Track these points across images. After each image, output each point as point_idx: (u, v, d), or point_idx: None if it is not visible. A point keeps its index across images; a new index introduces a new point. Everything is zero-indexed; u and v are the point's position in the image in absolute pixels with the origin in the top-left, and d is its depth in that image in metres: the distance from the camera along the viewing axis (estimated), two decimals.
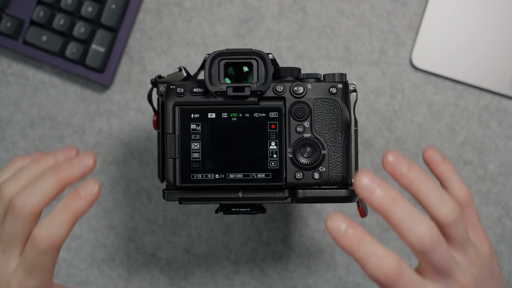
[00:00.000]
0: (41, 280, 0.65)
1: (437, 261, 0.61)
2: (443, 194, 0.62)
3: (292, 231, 0.95)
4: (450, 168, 0.67)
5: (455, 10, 0.94)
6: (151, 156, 0.95)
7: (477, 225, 0.68)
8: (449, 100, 0.95)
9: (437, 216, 0.62)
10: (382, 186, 0.59)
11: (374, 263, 0.59)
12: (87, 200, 0.63)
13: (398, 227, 0.60)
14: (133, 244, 0.95)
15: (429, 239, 0.60)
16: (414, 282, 0.61)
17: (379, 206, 0.59)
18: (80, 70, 0.94)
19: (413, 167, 0.61)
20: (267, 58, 0.73)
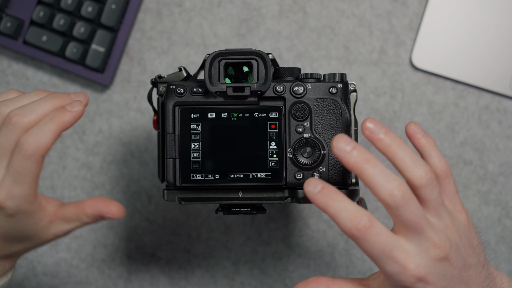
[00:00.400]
0: (26, 187, 0.69)
1: (408, 217, 0.64)
2: (417, 159, 0.66)
3: (292, 231, 0.95)
4: (430, 142, 0.71)
5: (455, 10, 0.94)
6: (151, 156, 0.95)
7: (454, 196, 0.71)
8: (449, 100, 0.95)
9: (411, 178, 0.66)
10: (356, 148, 0.64)
11: (346, 217, 0.63)
12: (73, 115, 0.69)
13: (371, 183, 0.64)
14: (133, 244, 0.95)
15: (400, 194, 0.64)
16: (386, 237, 0.64)
17: (353, 165, 0.64)
18: (80, 70, 0.94)
19: (389, 133, 0.66)
20: (267, 58, 0.73)
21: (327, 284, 0.69)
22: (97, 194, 0.95)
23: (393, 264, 0.64)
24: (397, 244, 0.65)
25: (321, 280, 0.69)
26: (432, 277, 0.65)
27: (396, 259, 0.64)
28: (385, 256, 0.64)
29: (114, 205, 0.72)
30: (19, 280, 0.95)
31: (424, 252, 0.65)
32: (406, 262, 0.64)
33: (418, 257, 0.65)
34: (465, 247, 0.68)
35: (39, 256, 0.95)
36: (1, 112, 0.71)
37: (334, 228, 0.94)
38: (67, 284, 0.95)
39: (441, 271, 0.66)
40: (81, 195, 0.95)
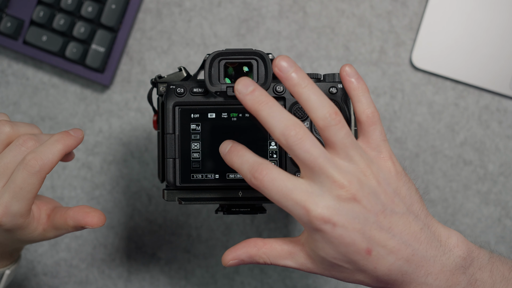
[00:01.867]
0: (25, 203, 0.70)
1: (303, 155, 0.64)
2: (324, 100, 0.65)
3: (292, 231, 0.95)
4: (362, 87, 0.70)
5: (455, 10, 0.94)
6: (151, 156, 0.95)
7: (380, 144, 0.69)
8: (449, 100, 0.95)
9: (315, 118, 0.65)
10: (256, 90, 0.65)
11: (246, 168, 0.66)
12: (76, 139, 0.73)
13: (266, 124, 0.65)
14: (133, 244, 0.95)
15: (293, 133, 0.64)
16: (283, 180, 0.65)
17: (250, 106, 0.65)
18: (80, 70, 0.94)
19: (299, 72, 0.65)
20: (267, 58, 0.73)
21: (257, 244, 0.69)
22: (97, 194, 0.95)
23: (296, 206, 0.64)
24: (296, 186, 0.64)
25: (251, 241, 0.69)
26: (339, 218, 0.64)
27: (296, 200, 0.64)
28: (285, 199, 0.64)
29: (93, 216, 0.73)
30: (19, 280, 0.95)
31: (327, 192, 0.64)
32: (307, 203, 0.64)
33: (320, 197, 0.64)
34: (385, 192, 0.67)
35: (39, 256, 0.95)
36: (4, 131, 0.73)
37: None
38: (67, 284, 0.95)
39: (350, 213, 0.65)
40: (81, 195, 0.95)
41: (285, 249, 0.69)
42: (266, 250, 0.69)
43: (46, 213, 0.74)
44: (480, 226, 0.94)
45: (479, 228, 0.94)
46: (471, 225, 0.94)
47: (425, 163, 0.94)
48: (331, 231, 0.65)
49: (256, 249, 0.69)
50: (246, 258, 0.69)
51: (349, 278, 0.68)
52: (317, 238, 0.66)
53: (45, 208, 0.75)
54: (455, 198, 0.94)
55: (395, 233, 0.66)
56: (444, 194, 0.94)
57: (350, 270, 0.67)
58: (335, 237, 0.65)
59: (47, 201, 0.76)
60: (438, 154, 0.94)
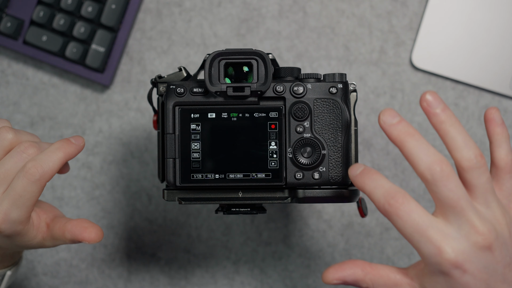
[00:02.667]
0: (24, 211, 0.70)
1: (446, 194, 0.62)
2: (469, 140, 0.64)
3: (292, 231, 0.95)
4: (505, 133, 0.69)
5: (455, 10, 0.94)
6: (151, 156, 0.95)
7: (511, 194, 0.68)
8: (449, 100, 0.95)
9: (459, 158, 0.64)
10: (402, 122, 0.64)
11: (380, 193, 0.63)
12: (77, 147, 0.73)
13: (411, 156, 0.63)
14: (133, 244, 0.95)
15: (439, 169, 0.62)
16: (420, 215, 0.62)
17: (396, 137, 0.64)
18: (80, 70, 0.94)
19: (446, 110, 0.64)
20: (267, 58, 0.73)
21: (364, 267, 0.67)
22: (97, 194, 0.95)
23: (428, 245, 0.62)
24: (433, 224, 0.62)
25: (358, 263, 0.67)
26: (470, 265, 0.62)
27: (431, 239, 0.62)
28: (419, 235, 0.62)
29: (90, 232, 0.73)
30: (19, 280, 0.95)
31: (464, 237, 0.62)
32: (442, 244, 0.62)
33: (457, 241, 0.62)
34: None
35: (39, 256, 0.95)
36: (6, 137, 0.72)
37: (334, 228, 0.94)
38: (67, 284, 0.95)
39: (482, 262, 0.63)
40: (81, 195, 0.95)
41: (392, 278, 0.67)
42: (372, 277, 0.67)
43: (46, 222, 0.74)
44: None
45: None
46: None
47: None
48: (458, 277, 0.63)
49: (364, 274, 0.67)
50: (351, 281, 0.67)
51: None
52: (438, 280, 0.64)
53: (44, 216, 0.75)
54: None
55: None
56: None
57: None
58: (461, 283, 0.63)
59: (48, 209, 0.76)
60: None
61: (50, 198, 0.95)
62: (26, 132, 0.75)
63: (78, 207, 0.95)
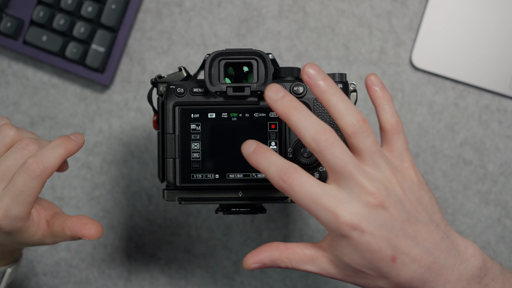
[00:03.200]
0: (25, 207, 0.71)
1: (333, 161, 0.64)
2: (351, 107, 0.66)
3: (292, 231, 0.95)
4: (386, 96, 0.71)
5: (455, 10, 0.94)
6: (151, 156, 0.95)
7: (402, 153, 0.70)
8: (449, 100, 0.95)
9: (342, 125, 0.66)
10: (286, 96, 0.65)
11: (274, 171, 0.65)
12: (77, 144, 0.73)
13: (297, 129, 0.65)
14: (133, 244, 0.95)
15: (323, 138, 0.64)
16: (313, 185, 0.64)
17: (281, 111, 0.65)
18: (80, 70, 0.94)
19: (327, 79, 0.66)
20: (267, 58, 0.73)
21: (280, 248, 0.69)
22: (97, 194, 0.95)
23: (324, 212, 0.64)
24: (326, 191, 0.64)
25: (273, 245, 0.69)
26: (367, 225, 0.64)
27: (326, 206, 0.64)
28: (315, 204, 0.64)
29: (90, 228, 0.73)
30: (19, 280, 0.95)
31: (356, 199, 0.65)
32: (336, 209, 0.64)
33: (350, 204, 0.64)
34: (410, 201, 0.67)
35: (39, 256, 0.95)
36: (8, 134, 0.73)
37: None
38: (67, 284, 0.95)
39: (378, 220, 0.65)
40: (81, 195, 0.95)
41: (307, 253, 0.68)
42: (288, 254, 0.68)
43: (46, 219, 0.75)
44: (480, 226, 0.94)
45: (479, 228, 0.94)
46: (471, 225, 0.94)
47: (425, 163, 0.94)
48: (358, 238, 0.65)
49: (279, 253, 0.68)
50: (269, 262, 0.69)
51: (370, 284, 0.68)
52: (343, 244, 0.65)
53: (44, 213, 0.75)
54: (455, 198, 0.94)
55: (418, 241, 0.66)
56: (444, 194, 0.94)
57: (372, 277, 0.67)
58: (362, 243, 0.65)
59: (48, 206, 0.76)
60: (438, 154, 0.94)
61: (50, 198, 0.95)
62: (26, 130, 0.75)
63: (78, 207, 0.95)
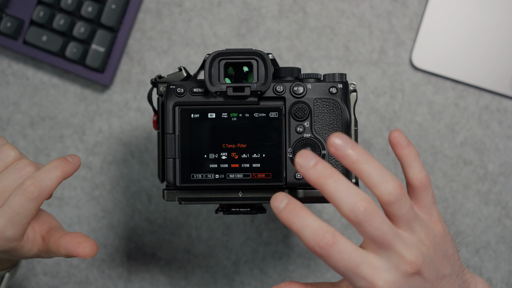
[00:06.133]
0: (20, 228, 0.70)
1: (373, 232, 0.63)
2: (386, 174, 0.64)
3: None
4: (413, 152, 0.69)
5: (455, 10, 0.94)
6: (151, 156, 0.95)
7: (431, 207, 0.69)
8: (449, 100, 0.95)
9: (379, 195, 0.64)
10: (319, 163, 0.62)
11: (309, 234, 0.62)
12: (74, 166, 0.73)
13: (333, 199, 0.63)
14: (133, 244, 0.95)
15: (362, 209, 0.62)
16: (351, 253, 0.63)
17: (315, 181, 0.62)
18: (80, 70, 0.94)
19: (356, 148, 0.63)
20: (267, 58, 0.73)
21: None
22: (97, 194, 0.95)
23: (361, 280, 0.63)
24: (364, 260, 0.63)
25: (292, 285, 0.68)
26: None
27: (363, 275, 0.63)
28: (352, 273, 0.63)
29: (84, 247, 0.72)
30: (19, 280, 0.95)
31: (394, 268, 0.64)
32: (373, 279, 0.63)
33: (387, 273, 0.64)
34: (438, 259, 0.67)
35: None
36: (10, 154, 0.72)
37: None
38: (67, 284, 0.95)
39: (412, 286, 0.64)
40: (81, 195, 0.95)
41: None
42: None
43: (41, 234, 0.74)
44: (480, 226, 0.94)
45: (479, 228, 0.94)
46: (471, 225, 0.94)
47: (425, 163, 0.94)
48: None
49: None
50: None
51: None
52: None
53: (40, 229, 0.74)
54: (455, 198, 0.94)
55: None
56: (444, 194, 0.94)
57: None
58: None
59: (44, 219, 0.75)
60: (438, 154, 0.94)
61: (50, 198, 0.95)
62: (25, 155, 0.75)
63: (78, 207, 0.95)
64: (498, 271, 0.94)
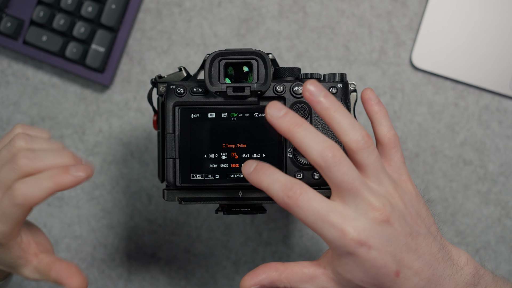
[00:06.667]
0: (8, 227, 0.68)
1: (341, 177, 0.64)
2: (355, 123, 0.66)
3: (292, 231, 0.95)
4: (383, 110, 0.71)
5: (455, 10, 0.94)
6: (151, 156, 0.95)
7: (400, 167, 0.70)
8: (449, 100, 0.95)
9: (347, 141, 0.65)
10: (288, 113, 0.64)
11: (277, 187, 0.64)
12: (73, 180, 0.66)
13: (302, 146, 0.64)
14: (133, 244, 0.95)
15: (330, 154, 0.63)
16: (319, 201, 0.64)
17: (285, 129, 0.64)
18: (80, 70, 0.94)
19: (329, 96, 0.65)
20: (267, 58, 0.73)
21: (278, 268, 0.68)
22: (97, 194, 0.95)
23: (331, 229, 0.64)
24: (332, 208, 0.64)
25: (270, 265, 0.69)
26: (374, 241, 0.64)
27: (333, 223, 0.64)
28: (321, 221, 0.64)
29: (74, 282, 0.69)
30: (19, 280, 0.95)
31: (363, 215, 0.64)
32: (343, 226, 0.64)
33: (357, 220, 0.64)
34: (411, 215, 0.67)
35: None
36: (16, 145, 0.68)
37: None
38: None
39: (384, 235, 0.65)
40: (81, 195, 0.95)
41: (306, 273, 0.68)
42: (287, 275, 0.68)
43: (35, 251, 0.71)
44: (480, 226, 0.94)
45: (479, 228, 0.94)
46: (471, 225, 0.94)
47: (425, 163, 0.94)
48: (365, 254, 0.64)
49: (278, 273, 0.68)
50: (267, 283, 0.69)
51: None
52: (347, 261, 0.65)
53: (35, 246, 0.71)
54: (455, 198, 0.94)
55: (420, 254, 0.67)
56: (444, 194, 0.94)
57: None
58: (368, 260, 0.65)
59: (42, 242, 0.73)
60: (438, 154, 0.94)
61: (50, 198, 0.95)
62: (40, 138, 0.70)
63: (78, 207, 0.95)
64: (498, 271, 0.94)
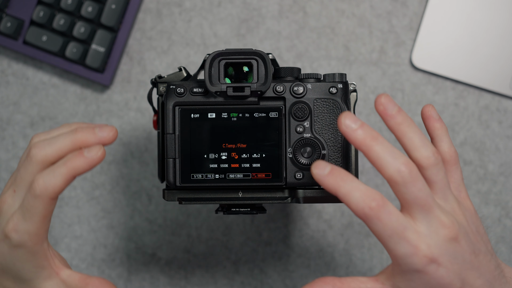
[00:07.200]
0: (33, 225, 0.67)
1: (416, 194, 0.63)
2: (425, 139, 0.66)
3: (292, 231, 0.95)
4: (444, 127, 0.71)
5: (455, 10, 0.94)
6: (151, 156, 0.95)
7: (460, 184, 0.70)
8: (449, 100, 0.95)
9: (418, 157, 0.65)
10: (363, 126, 0.64)
11: (358, 196, 0.63)
12: (88, 161, 0.66)
13: (378, 161, 0.63)
14: (133, 244, 0.95)
15: (407, 170, 0.63)
16: (398, 216, 0.63)
17: (360, 142, 0.63)
18: (80, 70, 0.94)
19: (401, 111, 0.65)
20: (267, 58, 0.73)
21: (334, 283, 0.67)
22: (97, 194, 0.95)
23: (405, 245, 0.63)
24: (409, 224, 0.63)
25: (327, 280, 0.67)
26: (444, 258, 0.64)
27: (408, 239, 0.63)
28: (398, 236, 0.63)
29: None
30: None
31: (434, 232, 0.64)
32: (418, 243, 0.63)
33: (429, 238, 0.64)
34: (473, 232, 0.67)
35: None
36: (31, 144, 0.69)
37: (334, 228, 0.94)
38: None
39: (452, 253, 0.64)
40: (81, 195, 0.95)
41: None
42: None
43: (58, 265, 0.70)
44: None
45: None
46: None
47: None
48: (434, 272, 0.64)
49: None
50: None
51: None
52: (413, 277, 0.65)
53: (59, 258, 0.71)
54: None
55: (481, 272, 0.67)
56: None
57: None
58: (436, 277, 0.64)
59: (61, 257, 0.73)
60: None
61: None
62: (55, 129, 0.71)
63: (78, 207, 0.95)
64: None
